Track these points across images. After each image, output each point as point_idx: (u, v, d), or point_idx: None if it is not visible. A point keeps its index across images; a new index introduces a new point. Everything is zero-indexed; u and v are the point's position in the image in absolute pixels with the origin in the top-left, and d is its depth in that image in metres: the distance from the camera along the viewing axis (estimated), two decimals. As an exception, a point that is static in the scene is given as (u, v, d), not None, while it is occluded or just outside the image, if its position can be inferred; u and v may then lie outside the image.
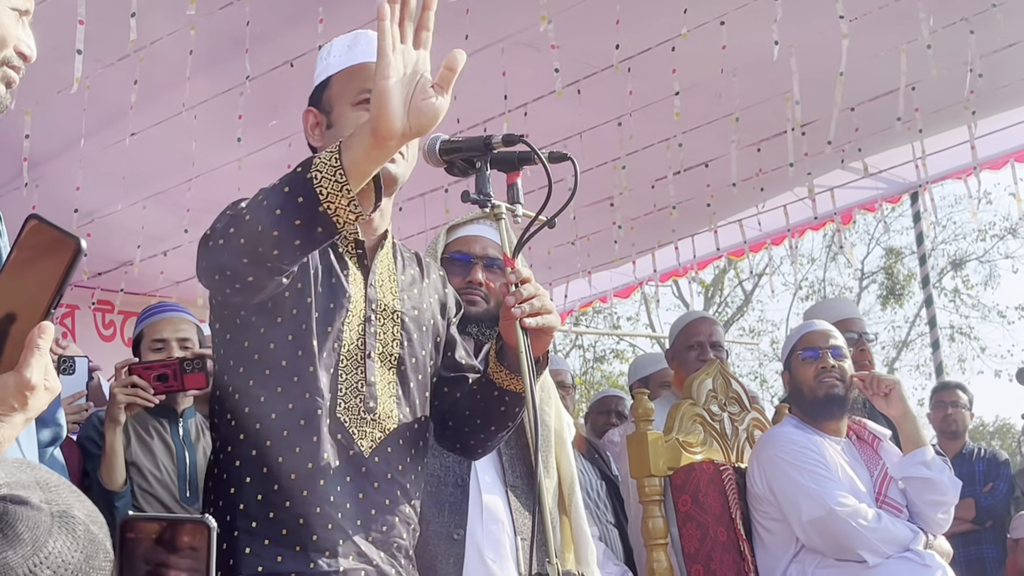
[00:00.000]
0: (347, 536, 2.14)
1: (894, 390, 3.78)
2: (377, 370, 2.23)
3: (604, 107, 5.58)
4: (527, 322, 2.10)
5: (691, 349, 4.57)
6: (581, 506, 3.12)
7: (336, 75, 2.32)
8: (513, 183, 2.17)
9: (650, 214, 6.93)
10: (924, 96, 5.57)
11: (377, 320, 2.25)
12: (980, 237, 23.58)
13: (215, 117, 5.04)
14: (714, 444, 3.94)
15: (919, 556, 3.58)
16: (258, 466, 2.14)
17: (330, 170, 1.88)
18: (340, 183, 1.87)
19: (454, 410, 2.39)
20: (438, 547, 2.76)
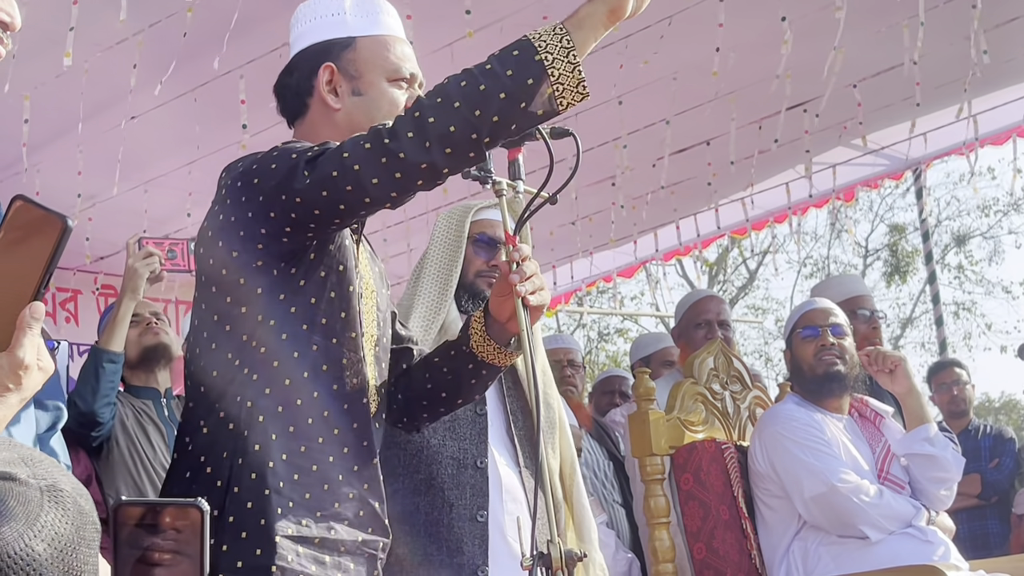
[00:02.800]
0: (368, 508, 2.14)
1: (900, 366, 3.79)
2: (365, 346, 2.21)
3: (604, 86, 5.56)
4: (530, 299, 2.10)
5: (699, 328, 4.59)
6: (582, 486, 3.13)
7: (363, 39, 2.25)
8: (514, 159, 2.18)
9: (653, 192, 6.91)
10: (926, 72, 5.55)
11: (365, 302, 2.25)
12: (984, 213, 23.55)
13: (215, 99, 5.03)
14: (716, 423, 3.95)
15: (921, 532, 3.58)
16: (284, 424, 2.06)
17: (562, 51, 1.88)
18: (572, 63, 1.89)
19: (407, 383, 2.37)
20: (463, 529, 2.79)
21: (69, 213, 1.42)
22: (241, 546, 2.00)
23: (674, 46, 5.10)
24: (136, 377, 3.96)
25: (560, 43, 1.87)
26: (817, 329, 3.86)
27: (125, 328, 3.70)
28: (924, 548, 3.53)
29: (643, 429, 3.71)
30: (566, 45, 1.87)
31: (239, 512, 2.02)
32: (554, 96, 1.89)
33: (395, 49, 2.26)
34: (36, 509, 1.25)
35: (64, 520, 1.27)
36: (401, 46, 2.27)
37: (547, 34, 1.89)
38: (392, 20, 2.30)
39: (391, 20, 2.30)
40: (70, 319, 7.02)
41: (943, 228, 23.70)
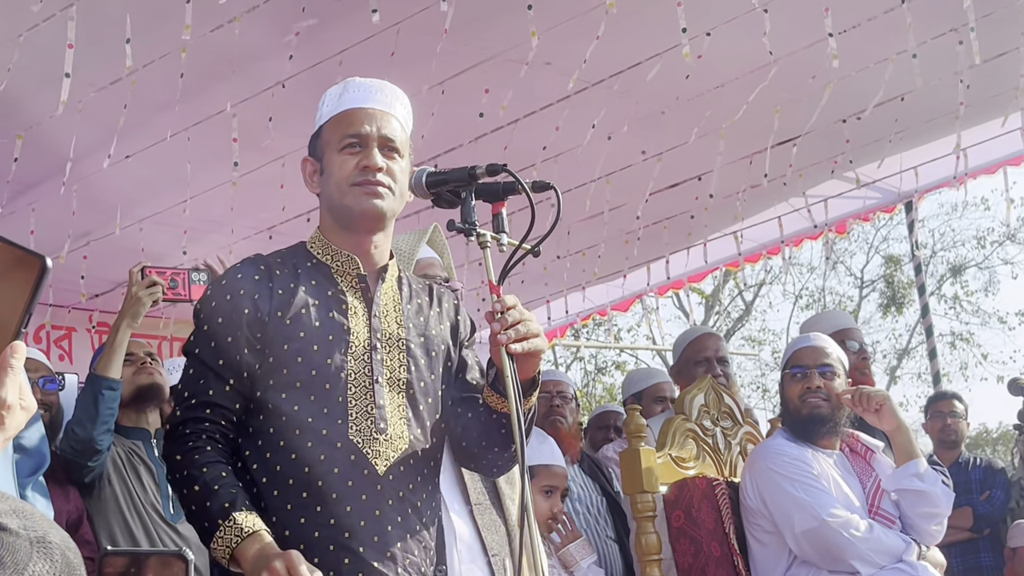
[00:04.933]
0: (355, 555, 2.21)
1: (885, 405, 3.79)
2: (386, 394, 2.32)
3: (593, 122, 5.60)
4: (512, 348, 2.17)
5: (698, 365, 4.60)
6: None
7: (326, 123, 2.44)
8: (498, 213, 2.24)
9: (645, 227, 6.95)
10: (914, 106, 5.58)
11: (383, 348, 2.35)
12: (979, 243, 23.60)
13: (208, 138, 5.06)
14: (707, 459, 3.96)
15: (912, 567, 3.58)
16: (256, 503, 2.24)
17: (225, 550, 2.18)
18: (225, 557, 2.18)
19: (466, 431, 2.47)
20: None
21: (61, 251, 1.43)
22: None
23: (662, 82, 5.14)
24: (127, 417, 3.96)
25: (225, 545, 2.18)
26: (805, 370, 3.87)
27: (122, 354, 3.72)
28: (915, 585, 3.53)
29: (635, 466, 3.71)
30: (227, 550, 2.18)
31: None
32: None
33: (346, 119, 2.40)
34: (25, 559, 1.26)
35: (51, 571, 1.28)
36: (356, 113, 2.40)
37: (232, 534, 2.16)
38: (356, 94, 2.42)
39: (356, 95, 2.42)
40: (64, 356, 7.02)
41: (939, 259, 23.78)
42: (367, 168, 2.34)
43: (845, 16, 4.88)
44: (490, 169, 2.21)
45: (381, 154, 2.36)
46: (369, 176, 2.34)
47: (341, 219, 2.39)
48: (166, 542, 3.75)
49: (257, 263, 2.39)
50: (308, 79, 4.64)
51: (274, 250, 2.48)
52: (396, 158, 2.39)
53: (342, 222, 2.39)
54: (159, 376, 4.06)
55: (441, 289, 2.58)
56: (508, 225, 2.20)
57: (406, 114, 2.48)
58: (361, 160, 2.35)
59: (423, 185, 2.30)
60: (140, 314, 3.68)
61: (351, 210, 2.34)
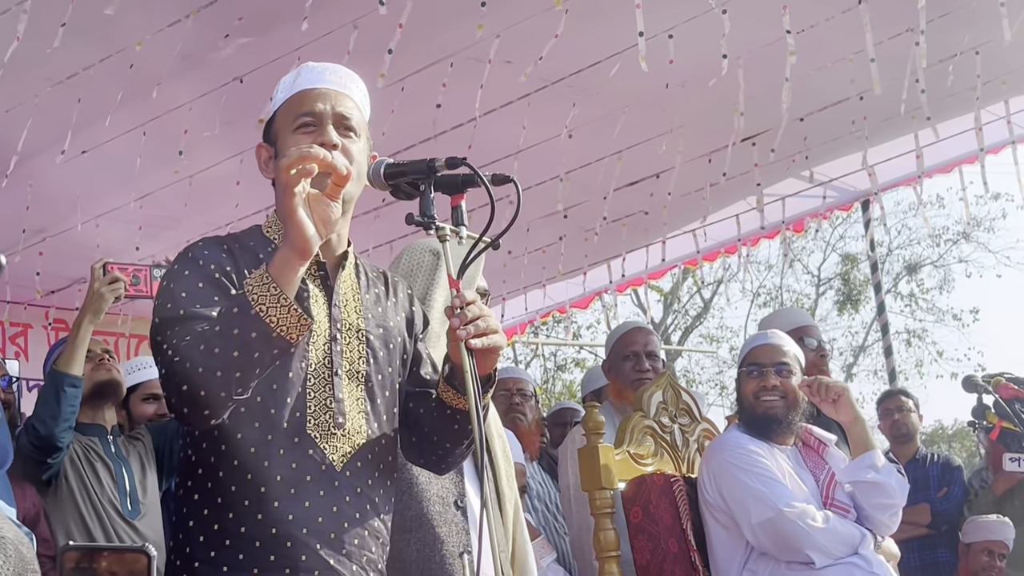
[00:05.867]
0: (312, 551, 2.18)
1: (843, 396, 3.81)
2: (345, 387, 2.28)
3: (554, 120, 5.61)
4: (473, 343, 2.14)
5: (626, 359, 4.57)
6: (524, 526, 3.15)
7: (280, 108, 2.38)
8: (457, 206, 2.21)
9: (604, 225, 6.97)
10: (872, 105, 5.63)
11: (343, 339, 2.30)
12: (935, 242, 23.85)
13: (163, 134, 5.03)
14: (665, 455, 3.97)
15: (867, 562, 3.61)
16: (214, 496, 2.19)
17: (272, 299, 2.03)
18: (286, 306, 2.03)
19: (417, 426, 2.42)
20: (454, 565, 2.80)
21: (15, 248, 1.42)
22: None
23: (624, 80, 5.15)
24: (84, 414, 3.92)
25: (269, 291, 2.03)
26: (762, 368, 3.89)
27: (84, 350, 3.70)
28: (869, 579, 3.56)
29: (593, 463, 3.71)
30: (274, 292, 2.03)
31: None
32: (282, 335, 2.05)
33: (300, 99, 2.35)
34: None
35: (5, 565, 1.28)
36: (309, 93, 2.34)
37: (257, 285, 2.04)
38: (310, 76, 2.37)
39: (310, 76, 2.38)
40: (20, 353, 6.96)
41: (895, 256, 24.00)
42: (324, 145, 2.24)
43: (803, 16, 4.92)
44: (449, 162, 2.18)
45: (337, 132, 2.30)
46: None
47: None
48: (124, 539, 3.72)
49: (221, 241, 2.32)
50: (264, 75, 4.61)
51: (229, 233, 2.42)
52: (353, 137, 2.32)
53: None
54: (117, 373, 4.04)
55: (396, 278, 2.53)
56: (467, 218, 2.18)
57: (363, 98, 2.42)
58: (316, 138, 2.28)
59: (381, 176, 2.26)
60: (102, 310, 3.66)
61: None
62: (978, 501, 5.95)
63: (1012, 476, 5.89)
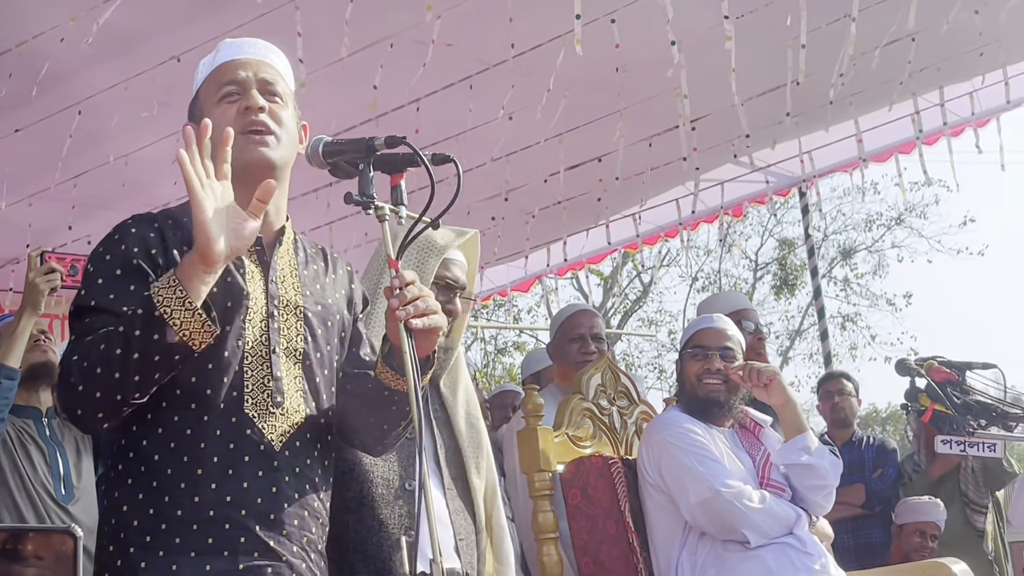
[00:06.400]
0: (251, 533, 2.15)
1: (774, 380, 3.82)
2: (283, 365, 2.25)
3: (496, 102, 5.60)
4: (413, 323, 2.13)
5: (572, 342, 4.59)
6: (502, 510, 3.15)
7: (201, 87, 2.36)
8: (397, 185, 2.19)
9: (544, 208, 6.98)
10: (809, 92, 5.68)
11: (280, 316, 2.27)
12: (868, 227, 24.16)
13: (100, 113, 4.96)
14: (603, 438, 3.98)
15: (801, 543, 3.64)
16: (148, 480, 2.15)
17: (177, 301, 2.02)
18: (190, 311, 2.02)
19: (353, 407, 2.40)
20: (392, 548, 2.78)
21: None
22: None
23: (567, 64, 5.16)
24: (18, 396, 3.86)
25: (175, 294, 2.02)
26: (707, 351, 3.91)
27: (23, 344, 3.65)
28: (804, 559, 3.58)
29: (532, 445, 3.72)
30: (180, 295, 2.02)
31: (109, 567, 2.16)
32: (184, 340, 2.04)
33: (221, 72, 2.33)
34: None
35: None
36: (230, 64, 2.33)
37: (164, 287, 2.03)
38: (230, 50, 2.36)
39: (226, 51, 2.36)
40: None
41: (830, 242, 24.28)
42: (248, 109, 2.25)
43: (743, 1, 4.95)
44: (389, 141, 2.17)
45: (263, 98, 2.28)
46: (252, 116, 2.26)
47: (234, 172, 2.23)
48: (56, 523, 3.67)
49: (150, 219, 2.28)
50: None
51: (163, 208, 2.37)
52: (279, 103, 2.31)
53: (236, 175, 2.23)
54: (52, 354, 3.98)
55: (336, 255, 2.51)
56: (407, 198, 2.16)
57: (285, 68, 2.40)
58: (241, 103, 2.27)
59: (319, 154, 2.23)
60: (40, 303, 3.61)
61: (237, 160, 2.19)
62: (913, 486, 6.04)
63: (948, 461, 5.98)
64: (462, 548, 2.87)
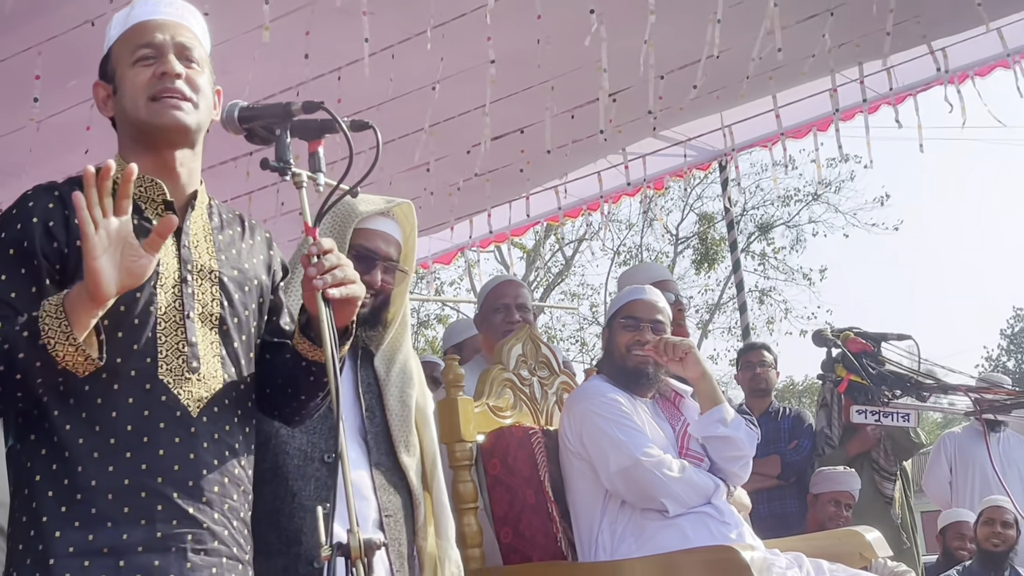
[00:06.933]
0: (169, 501, 2.12)
1: (689, 354, 3.84)
2: (198, 330, 2.22)
3: (418, 73, 5.56)
4: (330, 292, 2.11)
5: (497, 312, 4.60)
6: (443, 483, 3.15)
7: (114, 45, 2.31)
8: (315, 152, 2.17)
9: (468, 180, 6.95)
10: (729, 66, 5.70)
11: (194, 280, 2.24)
12: (786, 203, 24.46)
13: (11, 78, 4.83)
14: (524, 408, 4.00)
15: (719, 512, 3.69)
16: (60, 450, 2.11)
17: (61, 335, 2.01)
18: (73, 346, 2.01)
19: (271, 377, 2.38)
20: (304, 520, 2.77)
21: None
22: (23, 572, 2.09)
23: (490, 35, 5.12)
24: None
25: (60, 327, 2.01)
26: (639, 322, 3.91)
27: None
28: (722, 528, 3.63)
29: (452, 415, 3.72)
30: (64, 329, 2.01)
31: (23, 539, 2.12)
32: (67, 369, 2.05)
33: (137, 31, 2.28)
34: None
35: None
36: (147, 24, 2.28)
37: (50, 316, 2.01)
38: (145, 8, 2.30)
39: (145, 8, 2.31)
40: None
41: (748, 217, 24.54)
42: (164, 75, 2.21)
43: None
44: (306, 106, 2.14)
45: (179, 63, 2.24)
46: (167, 83, 2.22)
47: (142, 138, 2.24)
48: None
49: (51, 190, 2.23)
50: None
51: (68, 177, 2.30)
52: (196, 68, 2.27)
53: (143, 141, 2.24)
54: None
55: (254, 221, 2.48)
56: (325, 165, 2.14)
57: (202, 30, 2.36)
58: (157, 68, 2.23)
59: (235, 119, 2.20)
60: None
61: (151, 125, 2.19)
62: (828, 459, 6.13)
63: (866, 439, 6.09)
64: (388, 524, 2.86)
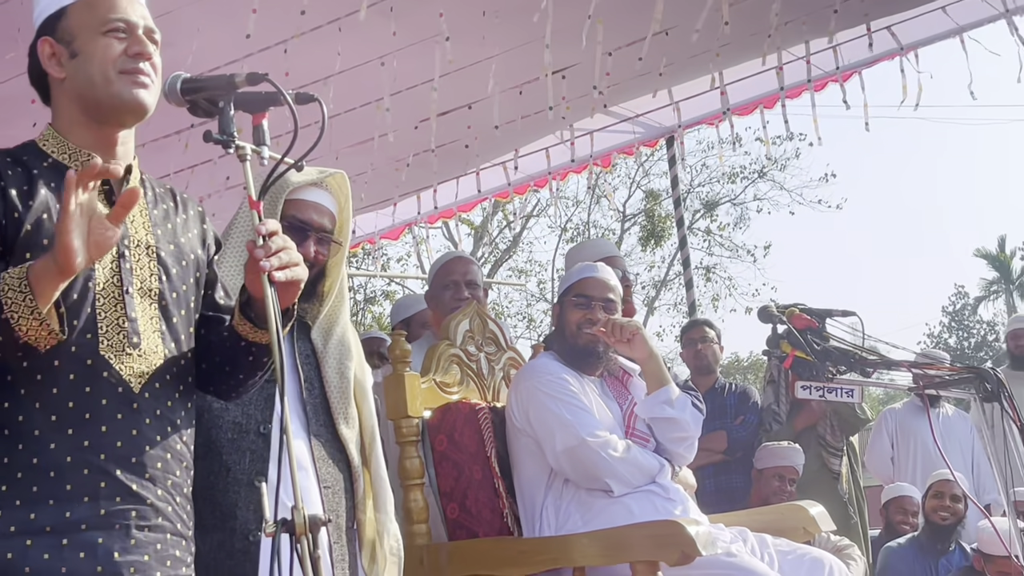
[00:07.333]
0: (112, 477, 2.11)
1: (637, 335, 3.83)
2: (138, 305, 2.21)
3: (367, 47, 5.52)
4: (276, 275, 2.11)
5: (446, 288, 4.59)
6: (381, 456, 3.14)
7: (73, 5, 2.25)
8: (259, 125, 2.15)
9: (416, 155, 6.92)
10: (677, 42, 5.71)
11: (132, 255, 2.22)
12: (732, 180, 24.61)
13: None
14: (471, 384, 3.99)
15: (663, 489, 3.71)
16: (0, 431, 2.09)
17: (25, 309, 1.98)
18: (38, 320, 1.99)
19: (208, 354, 2.37)
20: (239, 494, 2.76)
21: None
22: None
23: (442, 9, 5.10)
24: None
25: (24, 301, 1.99)
26: (590, 301, 3.90)
27: None
28: (667, 504, 3.65)
29: (399, 391, 3.71)
30: (29, 304, 1.99)
31: None
32: (30, 344, 2.03)
33: (104, 4, 2.25)
34: None
35: None
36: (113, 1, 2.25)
37: (13, 289, 1.98)
38: None
39: None
40: None
41: (695, 194, 24.67)
42: (139, 55, 2.21)
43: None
44: (250, 78, 2.12)
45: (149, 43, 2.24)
46: (139, 63, 2.21)
47: (96, 110, 2.22)
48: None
49: None
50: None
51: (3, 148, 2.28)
52: (156, 51, 2.27)
53: (96, 113, 2.21)
54: None
55: (185, 196, 2.45)
56: (269, 138, 2.12)
57: None
58: (132, 46, 2.21)
59: (178, 91, 2.18)
60: None
61: (117, 99, 2.18)
62: (774, 433, 6.17)
63: (811, 414, 6.14)
64: (327, 496, 2.86)
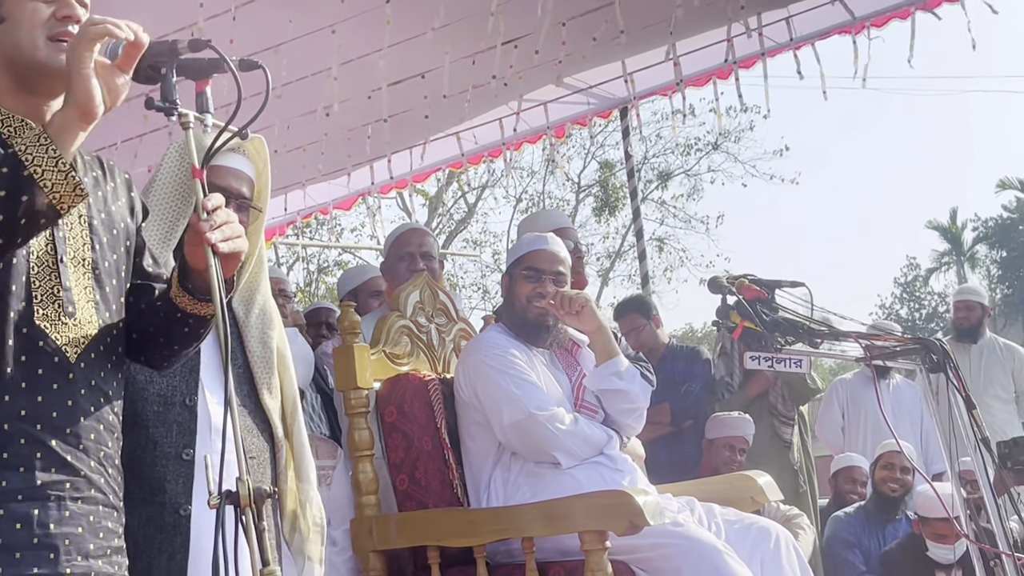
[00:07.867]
0: (47, 448, 2.08)
1: (586, 307, 3.83)
2: (72, 275, 2.17)
3: (318, 14, 5.46)
4: (220, 247, 2.08)
5: (401, 260, 4.58)
6: (303, 426, 3.13)
7: None
8: (202, 92, 2.12)
9: (368, 124, 6.87)
10: (631, 13, 5.69)
11: (64, 224, 2.18)
12: (686, 152, 24.66)
13: None
14: (421, 355, 3.98)
15: (612, 460, 3.73)
16: None
17: (49, 161, 1.91)
18: (63, 172, 1.93)
19: (139, 323, 2.35)
20: (167, 467, 2.74)
21: None
22: None
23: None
24: None
25: (46, 153, 1.92)
26: (540, 274, 3.88)
27: None
28: (615, 475, 3.67)
29: (348, 362, 3.70)
30: (52, 155, 1.93)
31: None
32: (53, 204, 1.95)
33: None
34: None
35: None
36: None
37: (32, 145, 1.92)
38: None
39: None
40: None
41: (649, 166, 24.71)
42: (67, 18, 2.14)
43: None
44: (192, 44, 2.08)
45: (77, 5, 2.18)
46: (69, 27, 2.14)
47: (25, 77, 2.16)
48: None
49: None
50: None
51: None
52: (86, 14, 2.19)
53: (25, 81, 2.15)
54: None
55: (112, 163, 2.41)
56: (213, 105, 2.09)
57: None
58: (60, 9, 2.15)
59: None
60: None
61: (45, 66, 2.12)
62: (727, 402, 6.19)
63: (763, 380, 6.16)
64: (252, 466, 2.83)
